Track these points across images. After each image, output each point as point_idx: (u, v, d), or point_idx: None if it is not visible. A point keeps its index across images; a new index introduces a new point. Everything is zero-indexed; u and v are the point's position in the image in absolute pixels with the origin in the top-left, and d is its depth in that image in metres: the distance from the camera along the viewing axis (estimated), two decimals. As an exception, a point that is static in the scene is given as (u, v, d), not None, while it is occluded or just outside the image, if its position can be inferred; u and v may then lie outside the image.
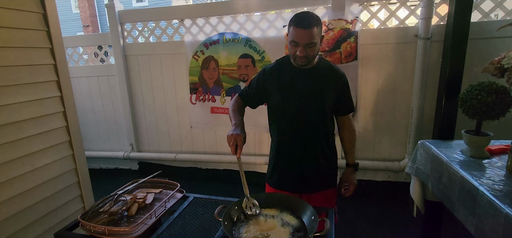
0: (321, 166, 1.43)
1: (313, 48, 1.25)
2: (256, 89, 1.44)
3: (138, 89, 3.32)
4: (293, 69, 1.37)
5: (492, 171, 1.27)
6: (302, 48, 1.24)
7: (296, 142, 1.39)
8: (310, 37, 1.22)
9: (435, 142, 1.65)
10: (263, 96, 1.44)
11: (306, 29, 1.21)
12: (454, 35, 1.92)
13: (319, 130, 1.39)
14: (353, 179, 1.47)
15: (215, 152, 3.24)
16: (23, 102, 1.68)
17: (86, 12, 13.90)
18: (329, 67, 1.40)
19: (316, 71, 1.36)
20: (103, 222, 1.22)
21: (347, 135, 1.49)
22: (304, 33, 1.22)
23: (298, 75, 1.35)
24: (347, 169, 1.50)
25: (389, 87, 2.62)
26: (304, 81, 1.35)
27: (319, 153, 1.41)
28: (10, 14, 1.60)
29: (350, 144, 1.50)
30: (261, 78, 1.43)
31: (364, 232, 2.30)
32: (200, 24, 2.91)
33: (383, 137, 2.75)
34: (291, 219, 1.11)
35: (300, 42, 1.23)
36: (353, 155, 1.50)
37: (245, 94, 1.47)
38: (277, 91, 1.37)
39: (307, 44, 1.23)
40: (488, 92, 1.31)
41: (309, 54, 1.26)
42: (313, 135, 1.38)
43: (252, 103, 1.47)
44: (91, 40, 3.58)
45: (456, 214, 1.30)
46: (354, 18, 2.46)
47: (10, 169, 1.62)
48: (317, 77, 1.35)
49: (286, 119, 1.38)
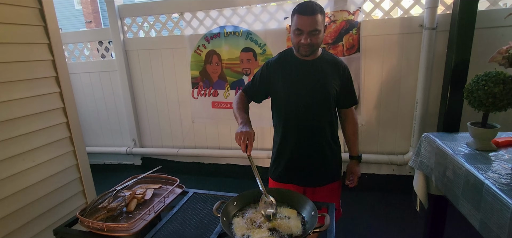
0: (327, 159, 1.42)
1: (317, 36, 1.25)
2: (260, 83, 1.42)
3: (139, 85, 3.31)
4: (297, 61, 1.35)
5: (499, 164, 1.23)
6: (306, 36, 1.24)
7: (301, 134, 1.37)
8: (314, 24, 1.22)
9: (439, 135, 1.61)
10: (268, 90, 1.43)
11: (309, 16, 1.21)
12: (460, 24, 1.86)
13: (325, 121, 1.38)
14: (358, 171, 1.50)
15: (217, 146, 3.23)
16: (22, 99, 1.67)
17: (89, 8, 13.89)
18: (332, 59, 1.39)
19: (320, 62, 1.35)
20: (101, 218, 1.21)
21: (350, 128, 1.49)
22: (308, 20, 1.22)
23: (302, 66, 1.34)
24: (351, 161, 1.52)
25: (393, 79, 2.57)
26: (308, 73, 1.34)
27: (324, 145, 1.40)
28: (5, 9, 1.59)
29: (353, 137, 1.50)
30: (265, 72, 1.42)
31: (367, 226, 2.28)
32: (200, 18, 2.87)
33: (387, 130, 2.70)
34: (290, 212, 1.10)
35: (304, 29, 1.23)
36: (356, 148, 1.51)
37: (250, 89, 1.46)
38: (282, 83, 1.35)
39: (311, 31, 1.23)
40: (495, 82, 1.26)
41: (313, 41, 1.25)
42: (319, 126, 1.37)
43: (257, 98, 1.46)
44: (91, 35, 3.56)
45: (461, 208, 1.26)
46: (357, 8, 2.40)
47: (10, 166, 1.62)
48: (321, 69, 1.34)
49: (291, 111, 1.36)
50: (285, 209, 1.12)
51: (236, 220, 1.07)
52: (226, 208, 1.09)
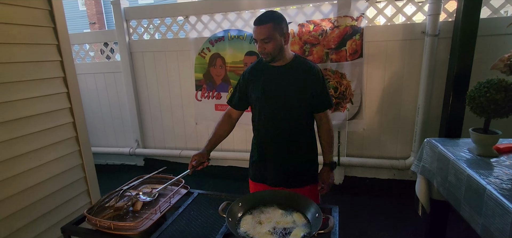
0: (299, 162, 1.46)
1: (270, 44, 1.31)
2: (239, 93, 1.52)
3: (143, 86, 3.35)
4: (268, 68, 1.42)
5: (500, 170, 1.25)
6: (260, 43, 1.32)
7: (273, 138, 1.44)
8: (263, 33, 1.30)
9: (441, 140, 1.63)
10: (246, 98, 1.51)
11: (258, 26, 1.31)
12: (463, 32, 1.88)
13: (294, 126, 1.42)
14: (329, 178, 1.46)
15: (220, 149, 3.24)
16: (30, 98, 1.70)
17: (93, 9, 14.01)
18: (304, 63, 1.43)
19: (291, 68, 1.40)
20: (108, 217, 1.23)
21: (324, 133, 1.48)
22: (258, 29, 1.31)
23: (274, 73, 1.41)
24: (323, 167, 1.49)
25: (395, 84, 2.59)
26: (279, 79, 1.40)
27: (294, 148, 1.44)
28: (17, 11, 1.62)
29: (326, 142, 1.49)
30: (241, 82, 1.52)
31: (368, 230, 2.29)
32: (205, 21, 2.91)
33: (388, 135, 2.72)
34: (296, 217, 1.12)
35: (257, 38, 1.33)
36: (330, 154, 1.49)
37: (233, 99, 1.55)
38: (256, 91, 1.44)
39: (262, 39, 1.31)
40: (497, 89, 1.28)
41: (266, 49, 1.32)
42: (288, 131, 1.42)
43: (240, 107, 1.55)
44: (97, 37, 3.60)
45: (462, 213, 1.28)
46: (360, 14, 2.43)
47: (18, 164, 1.65)
48: (292, 75, 1.39)
49: (264, 116, 1.44)
50: (294, 214, 1.13)
51: (241, 221, 1.09)
52: (231, 208, 1.11)
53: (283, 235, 1.01)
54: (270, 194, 1.23)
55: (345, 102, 2.61)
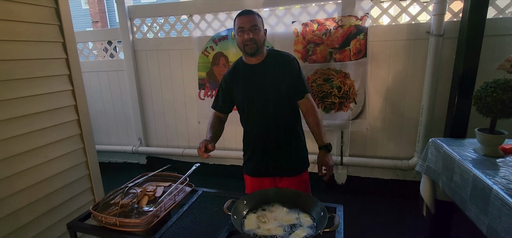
0: (286, 151, 1.53)
1: (258, 32, 1.39)
2: (223, 96, 1.59)
3: (146, 84, 3.35)
4: (247, 66, 1.49)
5: (506, 170, 1.24)
6: (248, 31, 1.38)
7: (260, 131, 1.51)
8: (253, 21, 1.38)
9: (446, 140, 1.62)
10: (230, 100, 1.58)
11: (247, 15, 1.40)
12: (469, 32, 1.87)
13: (279, 117, 1.48)
14: (328, 160, 1.46)
15: (222, 147, 3.25)
16: (35, 95, 1.71)
17: (95, 8, 14.04)
18: (278, 55, 1.50)
19: (268, 64, 1.47)
20: (114, 214, 1.24)
21: (311, 119, 1.51)
22: (247, 18, 1.39)
23: (252, 70, 1.48)
24: (320, 152, 1.50)
25: (399, 84, 2.58)
26: (258, 75, 1.46)
27: (281, 139, 1.51)
28: (23, 8, 1.63)
29: (315, 127, 1.50)
30: (223, 86, 1.58)
31: (371, 231, 2.29)
32: (208, 20, 2.91)
33: (392, 135, 2.71)
34: (303, 217, 1.11)
35: (245, 26, 1.38)
36: (322, 137, 1.49)
37: (216, 105, 1.62)
38: (238, 91, 1.51)
39: (252, 26, 1.38)
40: (503, 89, 1.28)
41: (255, 37, 1.38)
42: (274, 123, 1.48)
43: (224, 110, 1.62)
44: (101, 35, 3.62)
45: (468, 213, 1.28)
46: (364, 14, 2.43)
47: (23, 161, 1.66)
48: (269, 68, 1.46)
49: (249, 112, 1.51)
50: (298, 212, 1.13)
51: (246, 219, 1.09)
52: (236, 206, 1.11)
53: (287, 233, 1.01)
54: (275, 192, 1.24)
55: (348, 101, 2.60)
